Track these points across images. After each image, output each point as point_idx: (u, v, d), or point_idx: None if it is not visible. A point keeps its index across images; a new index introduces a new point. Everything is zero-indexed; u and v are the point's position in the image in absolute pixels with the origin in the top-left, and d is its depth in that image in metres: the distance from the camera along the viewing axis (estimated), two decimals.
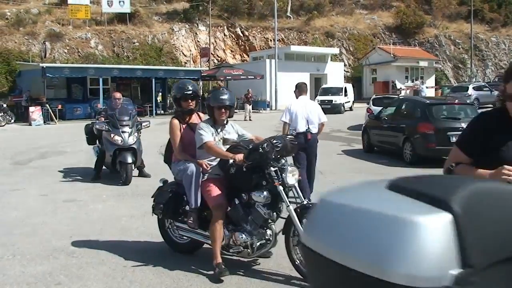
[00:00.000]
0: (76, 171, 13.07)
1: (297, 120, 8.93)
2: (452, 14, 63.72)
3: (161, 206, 6.15)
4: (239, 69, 40.22)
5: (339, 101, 36.73)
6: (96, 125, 11.53)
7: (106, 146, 11.33)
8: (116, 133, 11.12)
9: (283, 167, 5.42)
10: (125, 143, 11.09)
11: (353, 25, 58.31)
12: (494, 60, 61.28)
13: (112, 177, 11.64)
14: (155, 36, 47.58)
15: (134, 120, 11.62)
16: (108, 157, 11.38)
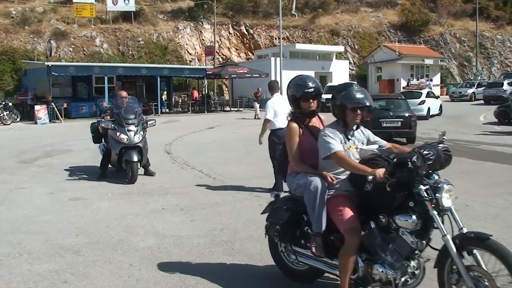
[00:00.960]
0: (81, 170, 13.08)
1: (277, 117, 9.53)
2: (458, 11, 63.57)
3: (278, 228, 5.07)
4: (244, 67, 40.19)
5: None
6: (102, 124, 11.53)
7: (112, 145, 11.28)
8: (122, 131, 11.09)
9: (436, 185, 4.34)
10: (131, 142, 11.03)
11: (358, 23, 58.22)
12: (499, 58, 61.08)
13: (118, 175, 11.60)
14: (160, 34, 47.61)
15: (139, 118, 11.55)
16: (114, 155, 11.31)
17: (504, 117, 24.00)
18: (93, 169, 12.93)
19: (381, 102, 20.15)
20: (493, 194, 9.57)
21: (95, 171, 12.15)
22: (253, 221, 7.76)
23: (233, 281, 5.49)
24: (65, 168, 13.40)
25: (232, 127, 25.88)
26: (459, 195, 9.37)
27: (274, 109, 9.62)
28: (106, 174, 11.73)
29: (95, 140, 12.74)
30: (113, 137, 11.23)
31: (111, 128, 11.22)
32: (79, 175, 12.30)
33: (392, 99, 21.45)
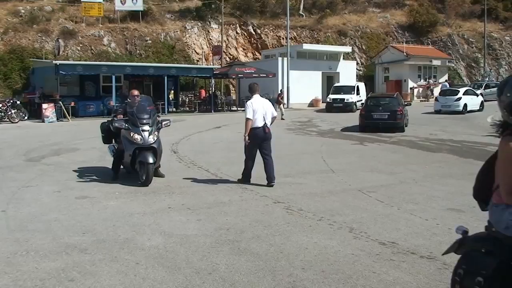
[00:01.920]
0: (88, 168, 13.12)
1: (256, 116, 10.47)
2: (466, 12, 63.33)
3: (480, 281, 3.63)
4: (251, 67, 40.15)
5: (351, 100, 36.51)
6: (115, 123, 11.11)
7: (125, 145, 10.93)
8: (136, 131, 10.68)
9: None
10: (145, 142, 10.62)
11: (365, 23, 58.07)
12: (507, 59, 60.80)
13: (130, 177, 11.25)
14: (168, 34, 47.66)
15: (154, 118, 11.16)
16: (127, 156, 10.96)
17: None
18: (100, 168, 12.98)
19: (374, 100, 24.79)
20: None
21: (102, 170, 12.19)
22: (260, 221, 7.77)
23: (239, 280, 5.48)
24: (72, 166, 13.44)
25: (239, 126, 25.83)
26: (467, 197, 9.36)
27: (253, 108, 10.47)
28: (118, 176, 11.44)
29: (105, 140, 12.36)
30: (126, 138, 10.85)
31: (124, 128, 10.80)
32: (86, 173, 12.34)
33: (384, 97, 26.78)
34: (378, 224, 7.58)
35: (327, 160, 14.29)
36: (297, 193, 9.85)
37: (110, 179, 11.22)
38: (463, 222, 7.65)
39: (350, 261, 6.03)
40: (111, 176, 11.42)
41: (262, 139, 10.54)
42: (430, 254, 6.24)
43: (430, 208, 8.61)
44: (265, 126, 10.52)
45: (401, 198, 9.39)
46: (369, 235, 7.03)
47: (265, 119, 10.53)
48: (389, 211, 8.46)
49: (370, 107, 23.75)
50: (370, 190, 10.04)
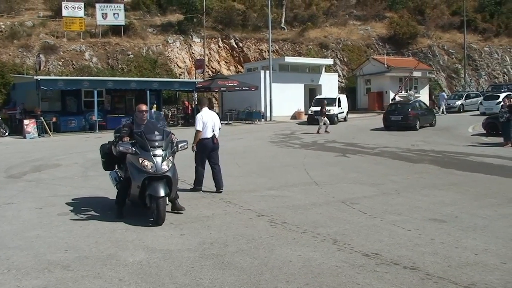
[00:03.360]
0: (71, 184, 13.03)
1: (206, 128, 11.35)
2: (445, 24, 64.15)
3: None
4: (233, 80, 40.28)
5: (332, 112, 36.00)
6: (120, 147, 8.97)
7: (132, 174, 8.84)
8: (146, 157, 8.68)
9: None
10: (158, 170, 8.62)
11: (346, 36, 58.56)
12: (487, 70, 61.64)
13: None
14: (150, 48, 47.65)
15: (168, 139, 9.08)
16: (134, 188, 8.84)
17: (492, 128, 24.16)
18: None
19: (393, 106, 32.41)
20: (482, 205, 9.62)
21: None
22: (243, 235, 7.76)
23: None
24: (54, 182, 13.34)
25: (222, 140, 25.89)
26: (449, 207, 9.48)
27: (203, 121, 11.32)
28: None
29: (107, 166, 10.36)
30: (134, 164, 8.84)
31: (131, 153, 8.80)
32: (68, 189, 12.24)
33: (400, 104, 33.17)
34: (361, 236, 7.61)
35: (310, 172, 14.33)
36: (280, 206, 9.86)
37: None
38: (445, 232, 7.75)
39: (334, 273, 6.05)
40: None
41: (210, 149, 11.54)
42: (413, 264, 6.28)
43: (413, 218, 8.67)
44: (214, 137, 11.51)
45: (384, 209, 9.44)
46: (352, 247, 7.05)
47: (214, 130, 11.46)
48: (372, 222, 8.51)
49: (389, 111, 31.14)
50: (353, 201, 10.08)
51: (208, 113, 11.54)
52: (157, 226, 8.37)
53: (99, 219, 9.06)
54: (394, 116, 29.95)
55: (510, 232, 7.77)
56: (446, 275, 5.90)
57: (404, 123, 29.16)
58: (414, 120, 29.38)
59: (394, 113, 30.28)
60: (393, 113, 30.37)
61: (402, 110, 30.22)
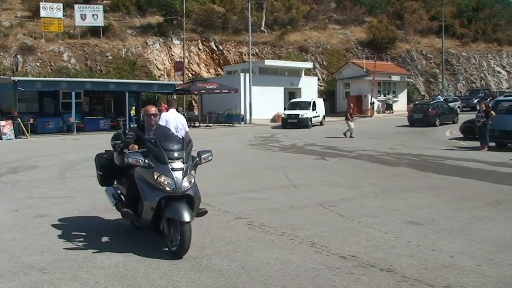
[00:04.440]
0: (47, 186, 12.90)
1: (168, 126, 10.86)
2: (424, 29, 64.86)
3: None
4: (213, 83, 40.26)
5: (306, 116, 36.01)
6: (128, 158, 6.95)
7: (143, 193, 6.96)
8: (162, 171, 6.81)
9: None
10: (177, 189, 6.77)
11: (326, 39, 58.91)
12: (465, 75, 62.40)
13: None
14: (129, 49, 47.43)
15: (189, 150, 7.32)
16: (147, 210, 6.94)
17: (470, 132, 24.45)
18: (57, 186, 12.75)
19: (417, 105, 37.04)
20: (459, 209, 9.72)
21: (60, 187, 11.86)
22: (221, 237, 7.75)
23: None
24: (30, 184, 13.19)
25: (201, 143, 25.86)
26: (425, 210, 9.57)
27: (166, 119, 11.25)
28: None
29: (104, 180, 8.42)
30: (146, 181, 6.99)
31: (143, 166, 6.93)
32: (44, 191, 12.11)
33: (421, 103, 39.31)
34: (338, 238, 7.65)
35: (289, 175, 14.36)
36: (259, 209, 9.86)
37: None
38: (421, 235, 7.81)
39: (311, 275, 6.06)
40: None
41: None
42: (389, 267, 6.32)
43: (390, 221, 8.73)
44: None
45: (361, 212, 9.49)
46: (330, 249, 7.08)
47: (177, 131, 11.16)
48: (349, 225, 8.55)
49: (413, 110, 35.80)
50: (331, 204, 10.12)
51: (173, 114, 11.68)
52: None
53: (77, 221, 8.99)
54: (416, 115, 34.52)
55: (486, 235, 7.87)
56: (422, 277, 5.95)
57: (424, 120, 33.58)
58: (434, 118, 33.87)
59: (416, 112, 34.90)
60: (415, 112, 34.96)
61: (422, 110, 34.98)
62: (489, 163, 16.01)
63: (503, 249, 7.12)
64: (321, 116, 39.25)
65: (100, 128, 35.18)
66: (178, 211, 6.68)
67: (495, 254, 6.86)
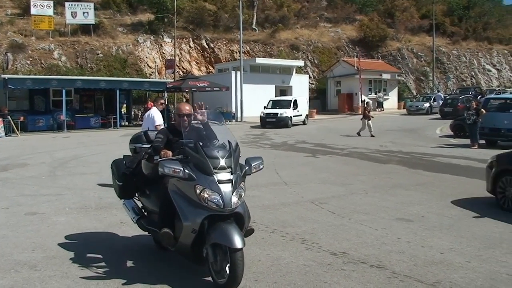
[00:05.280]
0: (38, 184, 12.86)
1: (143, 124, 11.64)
2: (415, 27, 65.09)
3: None
4: (204, 81, 40.17)
5: (285, 115, 34.52)
6: (164, 168, 5.55)
7: (182, 211, 5.60)
8: (207, 184, 5.49)
9: None
10: (226, 206, 5.46)
11: (317, 38, 58.98)
12: (455, 73, 62.68)
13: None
14: (120, 47, 47.29)
15: (237, 156, 5.91)
16: (186, 232, 5.56)
17: (460, 130, 24.57)
18: (48, 183, 12.72)
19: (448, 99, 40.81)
20: (448, 205, 9.79)
21: (51, 185, 11.82)
22: None
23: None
24: (21, 182, 13.15)
25: None
26: (415, 206, 9.63)
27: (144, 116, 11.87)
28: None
29: (124, 192, 6.98)
30: (184, 196, 5.66)
31: (183, 177, 5.57)
32: (35, 189, 12.09)
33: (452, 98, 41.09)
34: (329, 235, 7.69)
35: (280, 172, 14.39)
36: (250, 206, 9.79)
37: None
38: (411, 231, 7.87)
39: (302, 271, 6.10)
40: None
41: None
42: (380, 263, 6.37)
43: (380, 218, 8.79)
44: None
45: (352, 208, 9.54)
46: (320, 246, 7.12)
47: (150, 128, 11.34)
48: (340, 221, 8.60)
49: (444, 105, 39.62)
50: (322, 201, 10.17)
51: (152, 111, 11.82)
52: None
53: (67, 218, 8.98)
54: (447, 108, 38.34)
55: (475, 231, 7.93)
56: (412, 274, 6.01)
57: (454, 113, 35.07)
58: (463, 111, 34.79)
59: (447, 106, 38.87)
60: (446, 106, 38.98)
61: (453, 104, 38.53)
62: (479, 161, 16.10)
63: (492, 245, 7.19)
64: (303, 115, 37.82)
65: (91, 126, 35.09)
66: (227, 235, 5.31)
67: (484, 251, 6.93)
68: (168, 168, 5.53)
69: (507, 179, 9.46)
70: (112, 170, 7.16)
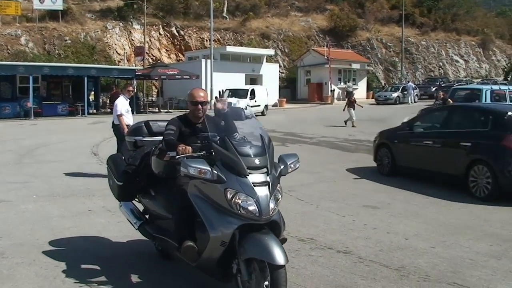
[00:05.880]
0: (4, 172, 12.69)
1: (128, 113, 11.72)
2: (384, 18, 65.58)
3: None
4: (174, 69, 39.93)
5: (239, 105, 32.79)
6: (189, 168, 4.49)
7: (209, 220, 4.58)
8: (241, 187, 4.47)
9: None
10: (263, 213, 4.44)
11: (288, 27, 59.03)
12: (423, 63, 63.44)
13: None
14: (88, 34, 46.68)
15: (272, 153, 4.86)
16: (214, 246, 4.55)
17: None
18: (15, 171, 12.57)
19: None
20: (414, 193, 9.98)
21: (18, 172, 11.63)
22: None
23: (162, 280, 5.52)
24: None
25: None
26: (382, 194, 9.79)
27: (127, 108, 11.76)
28: None
29: (124, 193, 6.04)
30: (209, 200, 4.67)
31: (212, 180, 4.53)
32: (1, 177, 11.91)
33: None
34: (297, 222, 7.78)
35: None
36: None
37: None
38: (378, 218, 8.03)
39: None
40: None
41: None
42: (346, 249, 6.50)
43: (347, 205, 8.93)
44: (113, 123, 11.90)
45: (320, 196, 9.67)
46: (288, 232, 7.16)
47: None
48: (308, 209, 8.71)
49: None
50: (291, 189, 10.24)
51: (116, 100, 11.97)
52: None
53: (35, 206, 8.91)
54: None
55: (439, 218, 8.12)
56: (378, 259, 6.14)
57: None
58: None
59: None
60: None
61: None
62: None
63: (456, 231, 7.38)
64: (262, 105, 35.36)
65: (58, 113, 34.58)
66: (267, 249, 4.29)
67: (448, 237, 7.11)
68: (193, 169, 4.46)
69: (383, 150, 12.18)
70: (109, 167, 6.20)
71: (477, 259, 6.19)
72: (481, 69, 67.12)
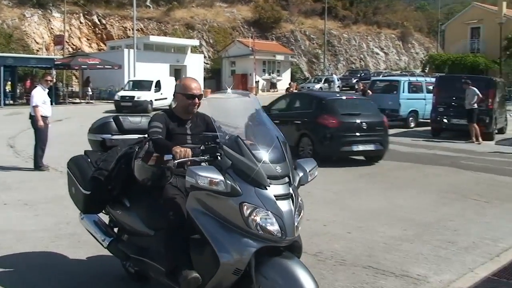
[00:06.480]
0: None
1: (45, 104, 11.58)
2: (308, 10, 66.56)
3: None
4: (95, 58, 39.01)
5: (143, 98, 30.01)
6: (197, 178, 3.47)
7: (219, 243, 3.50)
8: (262, 202, 3.43)
9: None
10: (288, 234, 3.47)
11: (213, 17, 58.88)
12: (345, 55, 64.93)
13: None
14: (4, 21, 44.84)
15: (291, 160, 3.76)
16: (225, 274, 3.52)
17: None
18: None
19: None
20: (333, 181, 10.24)
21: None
22: None
23: (79, 273, 5.41)
24: None
25: (81, 119, 25.07)
26: None
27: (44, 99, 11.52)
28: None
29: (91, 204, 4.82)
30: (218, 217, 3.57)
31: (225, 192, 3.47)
32: None
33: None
34: None
35: None
36: None
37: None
38: None
39: None
40: None
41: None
42: None
43: None
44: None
45: None
46: None
47: None
48: None
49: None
50: None
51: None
52: None
53: None
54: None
55: (355, 205, 8.40)
56: None
57: None
58: None
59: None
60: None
61: None
62: None
63: (371, 217, 7.66)
64: (169, 99, 30.93)
65: None
66: (295, 278, 3.34)
67: (364, 222, 7.36)
68: (203, 179, 3.48)
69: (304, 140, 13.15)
70: (72, 172, 4.98)
71: (391, 243, 6.44)
72: (401, 61, 69.41)
